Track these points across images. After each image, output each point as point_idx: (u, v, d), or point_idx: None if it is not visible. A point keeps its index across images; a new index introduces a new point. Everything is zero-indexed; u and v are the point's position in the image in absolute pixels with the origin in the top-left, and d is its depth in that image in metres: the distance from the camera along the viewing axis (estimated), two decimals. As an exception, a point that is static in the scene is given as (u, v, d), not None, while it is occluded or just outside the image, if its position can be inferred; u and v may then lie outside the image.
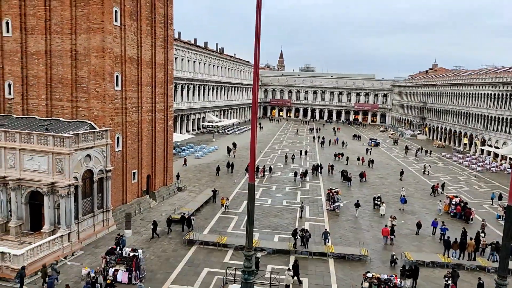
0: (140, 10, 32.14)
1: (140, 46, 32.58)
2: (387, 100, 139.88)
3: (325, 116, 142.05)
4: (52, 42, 28.87)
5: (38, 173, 24.63)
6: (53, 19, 28.63)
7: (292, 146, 74.91)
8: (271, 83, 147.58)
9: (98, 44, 27.83)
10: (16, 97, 30.09)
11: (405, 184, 46.90)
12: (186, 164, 52.45)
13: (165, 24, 36.68)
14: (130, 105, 31.81)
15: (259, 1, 17.77)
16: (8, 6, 29.29)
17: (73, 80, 28.70)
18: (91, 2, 27.50)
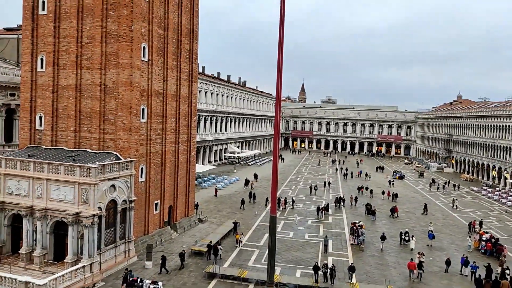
0: (166, 46, 33.41)
1: (165, 80, 33.63)
2: (411, 132, 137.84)
3: (348, 148, 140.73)
4: (82, 76, 30.18)
5: (63, 203, 25.14)
6: (84, 55, 30.06)
7: (314, 178, 74.12)
8: (293, 114, 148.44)
9: (126, 79, 28.90)
10: (46, 129, 31.26)
11: (433, 219, 45.27)
12: (216, 195, 52.91)
13: (190, 59, 37.89)
14: (155, 136, 32.50)
15: (281, 35, 18.22)
16: (43, 44, 31.02)
17: (101, 113, 29.70)
18: (121, 39, 28.83)
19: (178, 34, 35.35)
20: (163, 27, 33.01)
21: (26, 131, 31.77)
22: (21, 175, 26.32)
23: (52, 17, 30.54)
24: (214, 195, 53.03)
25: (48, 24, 30.73)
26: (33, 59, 31.32)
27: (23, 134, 31.94)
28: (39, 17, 31.04)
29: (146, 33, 30.45)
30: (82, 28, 29.92)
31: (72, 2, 29.89)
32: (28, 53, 31.36)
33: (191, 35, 37.64)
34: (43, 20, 30.93)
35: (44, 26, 30.89)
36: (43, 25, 30.92)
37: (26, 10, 31.27)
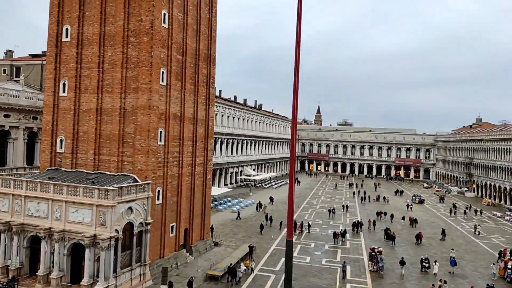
0: (185, 71, 34.14)
1: (183, 104, 34.19)
2: (430, 155, 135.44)
3: (365, 171, 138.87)
4: (103, 100, 30.97)
5: (81, 225, 25.36)
6: (105, 79, 30.94)
7: (331, 201, 73.08)
8: (309, 137, 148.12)
9: (145, 103, 29.52)
10: (66, 152, 31.95)
11: (454, 245, 43.79)
12: (239, 218, 52.84)
13: (207, 83, 38.54)
14: (172, 159, 32.80)
15: (297, 59, 18.44)
16: (66, 69, 32.11)
17: (120, 136, 30.26)
18: (141, 65, 29.63)
19: (196, 59, 36.14)
20: (182, 53, 33.83)
21: (47, 154, 32.52)
22: (41, 197, 26.77)
23: (75, 44, 31.72)
24: (237, 218, 52.99)
25: (71, 50, 31.90)
26: (56, 84, 32.39)
27: (44, 156, 32.70)
28: (63, 44, 32.28)
29: (165, 58, 31.24)
30: (103, 54, 30.93)
31: (95, 30, 31.04)
32: (51, 78, 32.48)
33: (209, 60, 38.43)
34: (66, 46, 32.13)
35: (67, 52, 32.07)
36: (66, 51, 32.10)
37: (51, 37, 32.59)
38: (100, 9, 30.93)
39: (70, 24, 32.03)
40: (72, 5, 31.94)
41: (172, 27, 31.91)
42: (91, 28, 31.31)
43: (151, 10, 29.51)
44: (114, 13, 30.69)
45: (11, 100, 36.75)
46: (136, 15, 30.04)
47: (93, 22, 31.20)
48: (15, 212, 27.53)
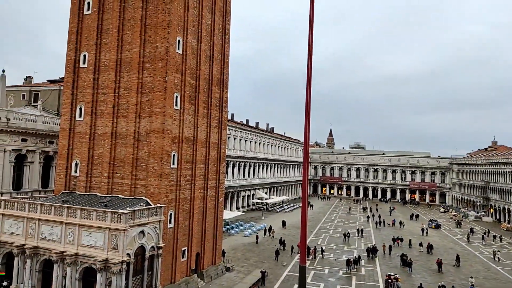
0: (198, 95, 34.67)
1: (196, 127, 34.54)
2: (445, 178, 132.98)
3: (379, 195, 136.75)
4: (118, 125, 31.51)
5: (94, 249, 25.35)
6: (121, 104, 31.57)
7: (345, 226, 71.82)
8: (321, 160, 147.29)
9: (159, 126, 29.92)
10: (81, 175, 32.34)
11: (473, 272, 42.33)
12: (257, 242, 52.29)
13: (220, 107, 38.98)
14: (184, 182, 32.88)
15: (309, 81, 18.58)
16: (83, 94, 32.92)
17: (134, 159, 30.58)
18: (155, 90, 30.23)
19: (209, 84, 36.73)
20: (195, 78, 34.45)
21: (62, 177, 32.95)
22: (54, 220, 26.96)
23: (92, 70, 32.61)
24: (255, 242, 52.43)
25: (88, 76, 32.78)
26: (72, 108, 33.16)
27: (59, 180, 33.13)
28: (80, 70, 33.22)
29: (179, 83, 31.83)
30: (119, 80, 31.69)
31: (111, 56, 31.93)
32: (68, 103, 33.29)
33: (221, 84, 39.01)
34: (83, 72, 33.05)
35: (84, 78, 32.95)
36: (83, 77, 32.99)
37: (69, 64, 33.60)
38: (117, 36, 31.92)
39: (87, 51, 33.04)
40: (90, 33, 33.04)
41: (186, 53, 32.64)
42: (108, 55, 32.23)
43: (166, 37, 30.33)
44: (130, 40, 31.61)
45: (29, 125, 37.65)
46: (151, 42, 30.89)
47: (110, 49, 32.15)
48: (29, 235, 27.73)
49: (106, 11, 32.81)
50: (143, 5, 31.38)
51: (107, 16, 32.71)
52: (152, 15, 31.06)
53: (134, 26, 31.57)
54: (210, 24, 36.83)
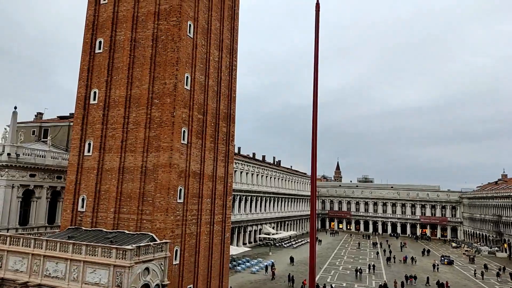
0: (205, 130, 35.00)
1: (203, 161, 34.63)
2: (456, 212, 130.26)
3: (389, 230, 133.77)
4: (125, 159, 31.72)
5: (98, 286, 24.81)
6: (129, 139, 31.92)
7: (355, 262, 69.89)
8: (329, 194, 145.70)
9: (166, 161, 30.05)
10: (87, 211, 32.22)
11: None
12: (274, 277, 51.37)
13: (227, 141, 39.23)
14: (190, 217, 32.57)
15: (315, 114, 18.73)
16: (92, 130, 33.40)
17: (140, 194, 30.52)
18: (163, 125, 30.61)
19: (216, 118, 37.16)
20: (203, 112, 34.92)
21: (68, 213, 32.85)
22: (59, 257, 26.59)
23: (102, 106, 33.26)
24: (271, 279, 51.50)
25: (97, 112, 33.38)
26: (81, 144, 33.56)
27: (65, 215, 33.01)
28: (90, 106, 33.89)
29: (187, 118, 32.26)
30: (128, 115, 32.21)
31: (121, 93, 32.64)
32: (77, 138, 33.73)
33: (228, 118, 39.44)
34: (93, 108, 33.70)
35: (94, 114, 33.55)
36: (93, 113, 33.60)
37: (79, 100, 34.34)
38: (127, 73, 32.77)
39: (98, 88, 33.84)
40: (101, 70, 33.97)
41: (194, 89, 33.28)
42: (117, 91, 32.96)
43: (175, 74, 31.07)
44: (140, 77, 32.39)
45: (38, 160, 38.05)
46: (160, 79, 31.61)
47: (120, 85, 32.92)
48: (33, 272, 27.29)
49: (117, 50, 33.86)
50: (153, 43, 32.39)
51: (118, 55, 33.73)
52: (162, 53, 31.98)
53: (144, 63, 32.46)
54: (218, 61, 37.76)
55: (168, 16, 32.19)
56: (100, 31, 34.79)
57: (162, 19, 32.47)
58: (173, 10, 32.03)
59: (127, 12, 33.87)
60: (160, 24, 32.48)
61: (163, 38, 32.11)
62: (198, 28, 34.27)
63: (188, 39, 32.78)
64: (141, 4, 33.56)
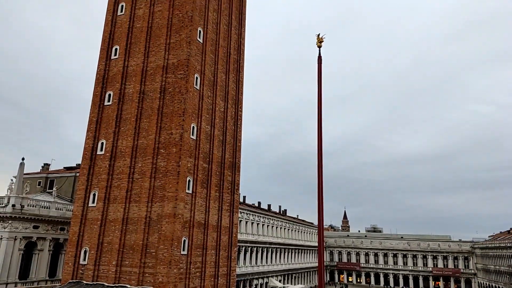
0: (210, 179, 34.95)
1: (207, 211, 34.21)
2: (469, 263, 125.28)
3: (401, 283, 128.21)
4: (130, 210, 31.44)
5: None
6: (134, 189, 31.85)
7: (366, 318, 66.38)
8: (337, 244, 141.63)
9: (171, 211, 29.74)
10: (89, 263, 31.44)
11: None
12: None
13: (232, 190, 38.99)
14: (194, 270, 31.59)
15: (320, 166, 18.71)
16: (97, 180, 33.48)
17: (143, 245, 29.88)
18: (169, 174, 30.66)
19: (221, 167, 37.22)
20: (208, 161, 35.07)
21: (70, 266, 32.05)
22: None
23: (109, 157, 33.58)
24: None
25: (104, 163, 33.64)
26: (86, 194, 33.49)
27: (67, 269, 32.18)
28: (97, 157, 34.22)
29: (192, 167, 32.35)
30: (134, 165, 32.41)
31: (128, 143, 33.09)
32: (82, 189, 33.72)
33: (234, 167, 39.48)
34: (100, 159, 34.00)
35: (100, 165, 33.79)
36: (100, 163, 33.85)
37: (86, 151, 34.75)
38: (135, 124, 33.43)
39: (105, 139, 34.36)
40: (109, 122, 34.69)
41: (200, 139, 33.70)
42: (124, 142, 33.42)
43: (181, 124, 31.63)
44: (147, 128, 32.98)
45: (42, 212, 37.82)
46: (167, 129, 32.14)
47: (127, 136, 33.45)
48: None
49: (126, 102, 34.80)
50: (161, 95, 33.32)
51: (126, 106, 34.61)
52: (169, 104, 32.78)
53: (151, 114, 33.18)
54: (223, 111, 38.54)
55: (176, 70, 33.38)
56: (110, 84, 35.97)
57: (170, 73, 33.65)
58: (181, 64, 33.27)
59: (137, 66, 35.21)
60: (168, 77, 33.61)
61: (171, 90, 33.07)
62: (204, 80, 35.38)
63: (195, 91, 33.73)
64: (150, 59, 34.96)
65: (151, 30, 35.74)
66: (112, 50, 36.86)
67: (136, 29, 36.48)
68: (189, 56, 33.26)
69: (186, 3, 34.72)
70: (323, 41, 22.00)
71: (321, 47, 22.04)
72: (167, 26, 34.95)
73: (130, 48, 36.14)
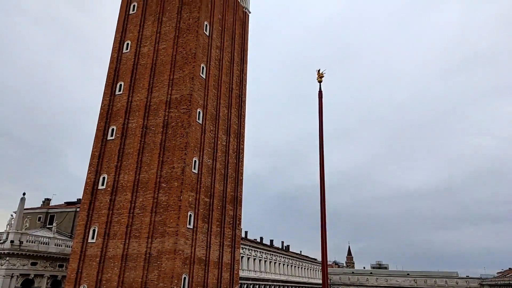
0: (211, 213, 34.55)
1: (208, 247, 33.55)
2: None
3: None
4: (129, 245, 30.88)
5: None
6: (134, 224, 31.44)
7: None
8: (341, 281, 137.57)
9: (171, 247, 29.18)
10: (87, 301, 30.53)
11: None
12: None
13: (234, 224, 38.42)
14: (195, 309, 30.60)
15: (323, 202, 18.48)
16: (98, 215, 33.12)
17: (142, 283, 29.12)
18: (170, 209, 30.36)
19: (223, 201, 36.87)
20: (209, 195, 34.79)
21: (67, 304, 31.13)
22: None
23: (110, 191, 33.40)
24: None
25: (105, 198, 33.41)
26: (86, 230, 33.03)
27: (64, 307, 31.24)
28: (98, 191, 34.03)
29: (193, 201, 32.06)
30: (135, 200, 32.16)
31: (130, 178, 33.00)
32: (82, 224, 33.30)
33: (235, 201, 39.10)
34: (101, 194, 33.80)
35: (101, 199, 33.54)
36: (101, 198, 33.62)
37: (88, 186, 34.61)
38: (137, 158, 33.48)
39: (107, 173, 34.32)
40: (112, 156, 34.77)
41: (201, 172, 33.61)
42: (126, 176, 33.34)
43: (183, 158, 31.67)
44: (149, 162, 33.00)
45: (41, 248, 37.17)
46: (169, 163, 32.15)
47: (129, 170, 33.41)
48: None
49: (128, 136, 35.03)
50: (163, 130, 33.59)
51: (129, 141, 34.81)
52: (171, 138, 32.98)
53: (153, 148, 33.30)
54: (225, 145, 38.67)
55: (179, 105, 33.84)
56: (113, 119, 36.36)
57: (173, 107, 34.08)
58: (184, 99, 33.76)
59: (140, 102, 35.73)
60: (171, 112, 34.01)
61: (173, 124, 33.37)
62: (207, 114, 35.76)
63: (197, 125, 34.01)
64: (153, 94, 35.53)
65: (155, 66, 36.57)
66: (117, 86, 37.56)
67: (141, 65, 37.34)
68: (192, 91, 33.81)
69: (190, 41, 35.71)
70: (323, 76, 22.34)
71: (322, 82, 22.36)
72: (171, 62, 35.78)
73: (134, 84, 36.84)
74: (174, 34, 36.81)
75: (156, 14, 38.79)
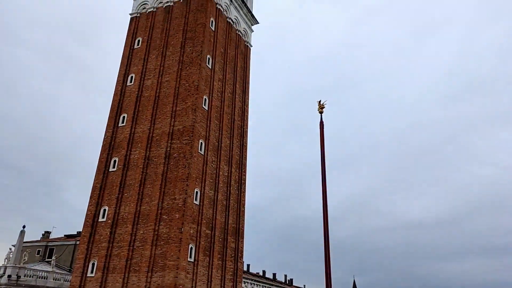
0: (213, 246, 33.94)
1: (210, 281, 32.73)
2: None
3: None
4: (129, 280, 30.14)
5: None
6: (134, 258, 30.81)
7: None
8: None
9: (171, 281, 28.47)
10: None
11: None
12: None
13: (235, 257, 37.64)
14: None
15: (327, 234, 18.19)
16: (97, 248, 32.55)
17: (142, 319, 28.20)
18: (170, 241, 29.86)
19: (224, 233, 36.30)
20: (211, 227, 34.31)
21: None
22: None
23: (110, 224, 33.00)
24: None
25: (105, 230, 32.97)
26: (85, 264, 32.37)
27: None
28: (98, 224, 33.63)
29: (195, 233, 31.59)
30: (136, 232, 31.71)
31: (131, 209, 32.71)
32: (82, 258, 32.68)
33: (237, 233, 38.50)
34: (101, 226, 33.38)
35: (101, 232, 33.08)
36: (101, 231, 33.17)
37: (88, 218, 34.25)
38: (139, 190, 33.30)
39: (108, 205, 34.05)
40: (113, 188, 34.60)
41: (203, 204, 33.31)
42: (127, 208, 33.05)
43: (185, 189, 31.48)
44: (150, 193, 32.79)
45: (39, 282, 36.37)
46: (170, 194, 31.93)
47: (130, 202, 33.16)
48: None
49: (130, 168, 35.01)
50: (165, 161, 33.60)
51: (131, 172, 34.75)
52: (173, 169, 32.92)
53: (155, 180, 33.18)
54: (227, 176, 38.53)
55: (181, 136, 34.02)
56: (115, 150, 36.48)
57: (175, 138, 34.25)
58: (186, 130, 33.99)
59: (143, 133, 35.97)
60: (173, 143, 34.15)
61: (175, 155, 33.41)
62: (209, 145, 35.88)
63: (199, 155, 34.05)
64: (156, 126, 35.82)
65: (158, 98, 37.08)
66: (120, 118, 37.95)
67: (144, 97, 37.87)
68: (194, 122, 34.09)
69: (192, 74, 36.37)
70: (324, 107, 22.51)
71: (323, 113, 22.50)
72: (174, 94, 36.30)
73: (137, 115, 37.23)
74: (177, 67, 37.56)
75: (160, 48, 39.75)
